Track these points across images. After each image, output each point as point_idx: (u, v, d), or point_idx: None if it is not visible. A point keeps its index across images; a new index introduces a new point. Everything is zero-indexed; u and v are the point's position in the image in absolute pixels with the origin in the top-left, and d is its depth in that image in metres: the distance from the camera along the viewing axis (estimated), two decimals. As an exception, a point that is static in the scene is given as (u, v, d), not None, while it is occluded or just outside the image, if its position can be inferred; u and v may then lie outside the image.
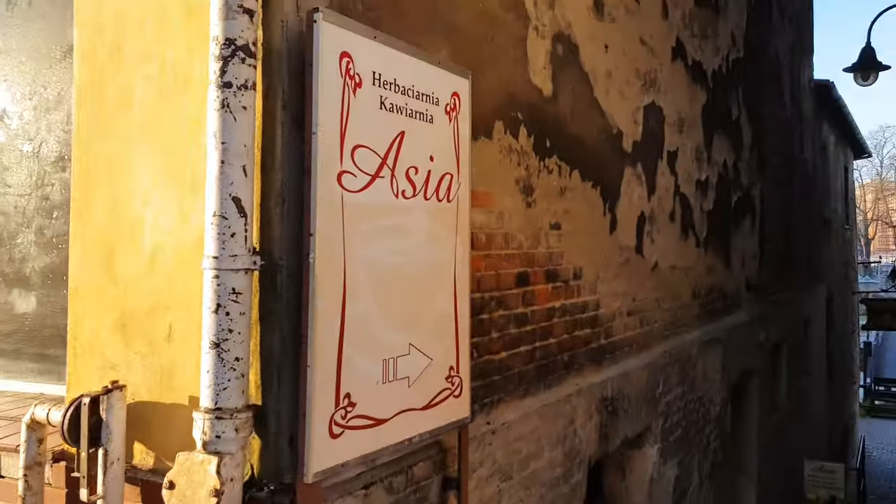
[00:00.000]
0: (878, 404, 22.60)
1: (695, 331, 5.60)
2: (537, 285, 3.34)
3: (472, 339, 2.82)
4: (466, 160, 2.62)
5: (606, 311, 4.05)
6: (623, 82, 4.23)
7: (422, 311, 2.36)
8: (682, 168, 5.27)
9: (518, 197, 3.17)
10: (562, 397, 3.47)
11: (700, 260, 5.74)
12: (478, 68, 2.84)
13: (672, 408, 4.97)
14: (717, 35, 6.19)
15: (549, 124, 3.40)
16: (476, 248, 2.88)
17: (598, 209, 3.93)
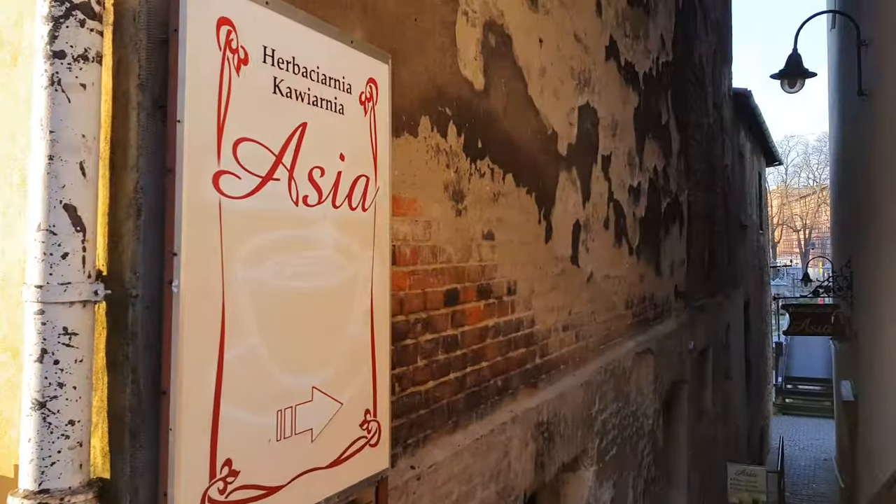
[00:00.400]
0: (788, 402, 23.49)
1: (628, 342, 5.36)
2: (468, 303, 2.96)
3: (394, 371, 2.41)
4: (386, 160, 2.20)
5: (542, 327, 3.71)
6: (557, 80, 3.91)
7: (329, 344, 1.93)
8: (616, 173, 5.02)
9: (447, 204, 2.78)
10: (496, 427, 3.09)
11: (633, 268, 5.52)
12: (400, 54, 2.43)
13: (608, 426, 4.69)
14: (647, 37, 6.00)
15: (480, 122, 3.03)
16: (399, 263, 2.46)
17: (532, 217, 3.59)
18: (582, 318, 4.32)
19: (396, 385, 2.46)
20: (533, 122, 3.57)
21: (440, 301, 2.74)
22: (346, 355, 1.99)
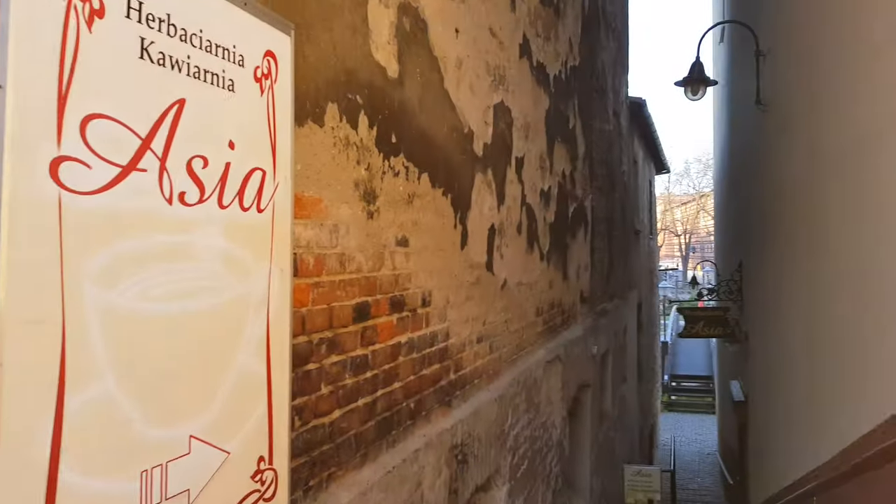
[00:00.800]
0: (673, 399, 24.64)
1: (539, 351, 5.19)
2: (380, 318, 2.61)
3: (294, 402, 2.03)
4: (287, 151, 1.83)
5: (456, 340, 3.42)
6: (474, 75, 3.64)
7: (213, 381, 1.53)
8: (529, 176, 4.83)
9: (358, 205, 2.42)
10: (408, 456, 2.77)
11: (543, 274, 5.35)
12: (304, 29, 2.06)
13: (519, 440, 4.48)
14: (557, 39, 5.88)
15: (395, 114, 2.70)
16: (301, 274, 2.09)
17: (448, 221, 3.29)
18: (496, 328, 4.08)
19: (296, 419, 2.09)
20: (450, 118, 3.28)
21: (349, 317, 2.39)
22: (234, 392, 1.60)
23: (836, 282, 3.21)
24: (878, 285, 2.61)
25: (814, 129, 3.90)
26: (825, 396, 3.54)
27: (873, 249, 2.68)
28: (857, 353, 2.86)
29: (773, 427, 5.90)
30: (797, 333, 4.38)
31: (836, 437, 3.23)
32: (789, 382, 4.83)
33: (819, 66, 3.78)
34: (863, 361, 2.79)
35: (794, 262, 4.54)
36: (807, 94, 4.11)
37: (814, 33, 3.91)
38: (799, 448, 4.40)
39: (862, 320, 2.79)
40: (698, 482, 15.65)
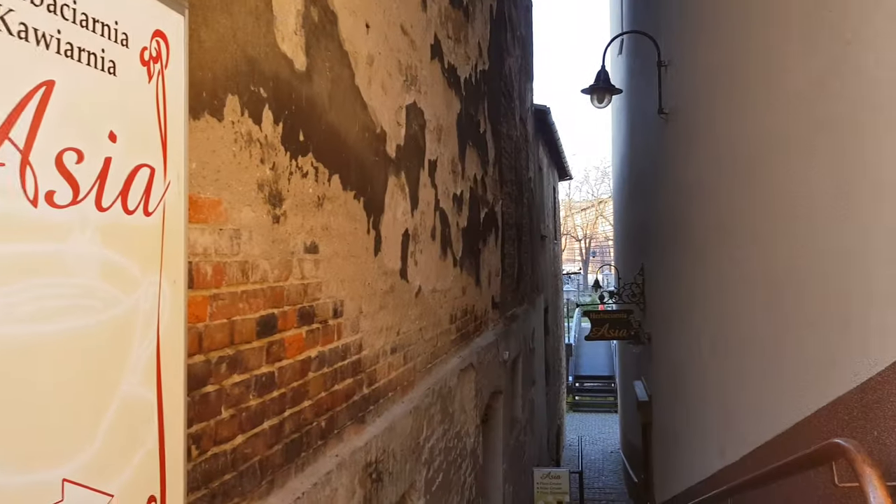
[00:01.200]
0: (577, 399, 25.28)
1: (453, 358, 5.08)
2: (288, 331, 2.41)
3: (191, 430, 1.81)
4: (181, 147, 1.61)
5: (370, 352, 3.25)
6: (385, 74, 3.49)
7: (90, 412, 1.30)
8: (441, 181, 4.72)
9: (262, 208, 2.21)
10: (319, 479, 2.56)
11: (457, 280, 5.26)
12: (200, 10, 1.85)
13: (435, 452, 4.34)
14: (467, 42, 5.82)
15: (303, 111, 2.50)
16: (198, 286, 1.87)
17: (361, 226, 3.12)
18: (410, 338, 3.92)
19: (193, 448, 1.86)
20: (361, 118, 3.11)
21: (252, 331, 2.17)
22: (118, 425, 1.37)
23: (744, 285, 3.28)
24: (787, 288, 2.66)
25: (716, 136, 4.00)
26: (733, 397, 3.62)
27: (782, 252, 2.73)
28: (767, 355, 2.92)
29: (678, 427, 6.06)
30: (703, 335, 4.49)
31: (748, 437, 3.29)
32: (695, 383, 4.95)
33: (721, 76, 3.88)
34: (773, 364, 2.84)
35: (698, 266, 4.66)
36: (709, 103, 4.22)
37: (716, 44, 4.02)
38: (706, 448, 4.50)
39: (772, 323, 2.84)
40: (603, 480, 16.07)
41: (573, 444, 19.25)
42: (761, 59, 3.04)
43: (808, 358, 2.45)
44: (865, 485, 1.68)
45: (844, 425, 2.13)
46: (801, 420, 2.51)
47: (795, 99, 2.57)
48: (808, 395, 2.45)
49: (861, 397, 2.02)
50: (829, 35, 2.20)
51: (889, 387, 1.85)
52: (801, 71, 2.49)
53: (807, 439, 2.44)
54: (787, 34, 2.68)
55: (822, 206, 2.36)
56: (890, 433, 1.86)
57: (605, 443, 19.89)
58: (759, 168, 3.10)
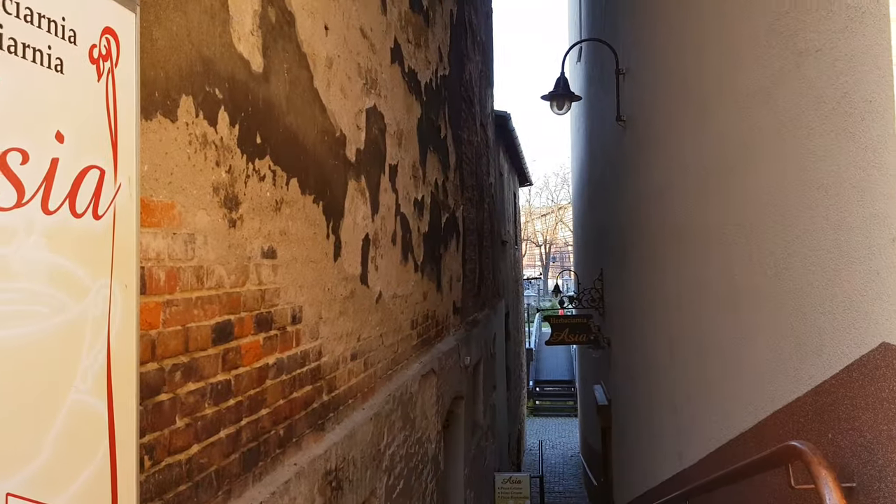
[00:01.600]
0: (538, 404, 25.43)
1: (414, 364, 5.06)
2: (245, 338, 2.36)
3: (144, 440, 1.75)
4: (132, 149, 1.56)
5: (329, 358, 3.21)
6: (345, 76, 3.46)
7: (37, 423, 1.25)
8: (402, 185, 4.70)
9: (217, 212, 2.16)
10: (278, 489, 2.52)
11: (418, 286, 5.24)
12: (153, 8, 1.80)
13: (395, 458, 4.31)
14: (427, 47, 5.82)
15: (260, 113, 2.46)
16: (150, 291, 1.81)
17: (321, 231, 3.08)
18: (371, 344, 3.89)
19: (147, 458, 1.80)
20: (320, 121, 3.07)
21: (207, 338, 2.12)
22: (67, 436, 1.32)
23: (703, 291, 3.34)
24: (744, 293, 2.71)
25: (673, 143, 4.07)
26: (692, 400, 3.68)
27: (739, 258, 2.79)
28: (725, 360, 2.97)
29: (637, 430, 6.14)
30: (661, 339, 4.56)
31: (706, 440, 3.34)
32: (653, 387, 5.02)
33: (676, 84, 3.95)
34: (731, 368, 2.90)
35: (657, 271, 4.73)
36: (666, 111, 4.29)
37: (671, 53, 4.10)
38: (664, 451, 4.56)
39: (730, 328, 2.89)
40: (564, 484, 16.19)
41: (534, 448, 19.34)
42: (714, 67, 3.11)
43: (764, 362, 2.51)
44: (821, 486, 1.72)
45: (800, 428, 2.18)
46: (758, 423, 2.56)
47: (747, 106, 2.63)
48: (765, 399, 2.50)
49: (815, 400, 2.07)
50: (781, 45, 2.26)
51: (842, 390, 1.89)
52: (754, 78, 2.55)
53: (763, 442, 2.49)
54: (740, 43, 2.74)
55: (770, 212, 2.42)
56: (844, 435, 1.90)
57: (566, 447, 20.05)
58: (713, 175, 3.17)
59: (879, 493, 1.73)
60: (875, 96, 1.69)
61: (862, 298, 1.78)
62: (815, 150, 2.02)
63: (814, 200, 2.04)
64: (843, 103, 1.83)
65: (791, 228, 2.21)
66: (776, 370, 2.38)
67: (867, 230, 1.75)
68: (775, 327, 2.37)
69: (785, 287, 2.27)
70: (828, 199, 1.94)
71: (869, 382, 1.76)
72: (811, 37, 2.05)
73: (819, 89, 1.98)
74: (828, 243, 1.95)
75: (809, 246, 2.07)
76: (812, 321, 2.07)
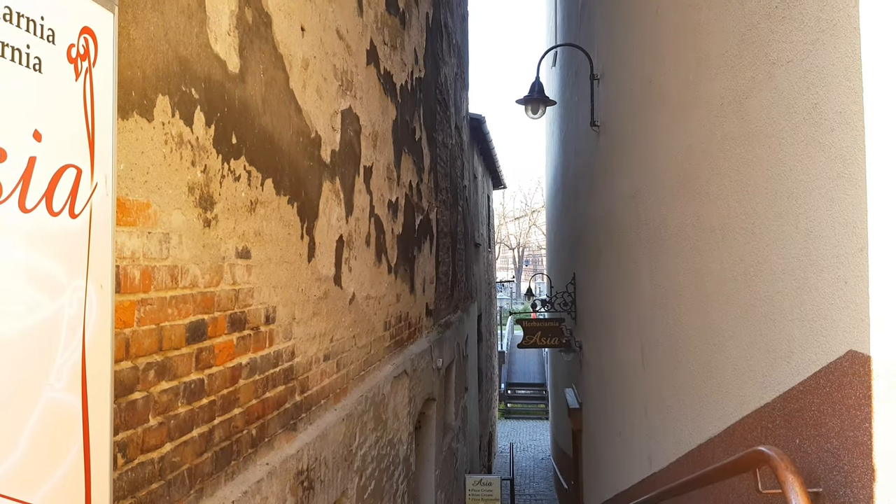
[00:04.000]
0: (510, 406, 25.54)
1: (387, 366, 5.07)
2: (218, 338, 2.36)
3: (117, 438, 1.76)
4: (109, 148, 1.57)
5: (302, 359, 3.22)
6: (321, 77, 3.47)
7: (11, 420, 1.26)
8: (377, 187, 4.72)
9: (192, 211, 2.17)
10: (250, 488, 2.52)
11: (391, 287, 5.26)
12: (130, 8, 1.81)
13: (367, 459, 4.32)
14: (403, 49, 5.85)
15: (235, 113, 2.47)
16: (125, 290, 1.82)
17: (295, 231, 3.09)
18: (344, 345, 3.90)
19: (120, 456, 1.81)
20: (296, 122, 3.09)
21: (181, 337, 2.13)
22: (41, 433, 1.33)
23: (676, 296, 3.40)
24: (716, 299, 2.77)
25: (647, 148, 4.15)
26: (662, 404, 3.75)
27: (711, 264, 2.85)
28: (697, 365, 3.04)
29: (608, 433, 6.22)
30: (633, 343, 4.64)
31: (676, 445, 3.41)
32: (625, 390, 5.10)
33: (651, 89, 4.03)
34: (702, 373, 2.96)
35: (630, 275, 4.81)
36: (640, 116, 4.37)
37: (644, 59, 4.17)
38: (634, 455, 4.64)
39: (702, 333, 2.95)
40: (534, 487, 16.29)
41: (504, 451, 19.42)
42: (688, 74, 3.18)
43: (734, 367, 2.56)
44: (788, 491, 1.75)
45: (768, 433, 2.24)
46: (727, 428, 2.62)
47: (718, 114, 2.70)
48: (734, 404, 2.56)
49: (784, 406, 2.12)
50: (753, 55, 2.33)
51: (810, 396, 1.95)
52: (725, 86, 2.63)
53: (733, 447, 2.54)
54: (713, 51, 2.81)
55: (741, 219, 2.49)
56: (811, 441, 1.95)
57: (536, 449, 20.16)
58: (686, 180, 3.23)
59: (845, 498, 1.76)
60: (845, 108, 1.74)
61: (830, 306, 1.83)
62: (784, 160, 2.09)
63: (784, 209, 2.10)
64: (814, 114, 1.89)
65: (761, 236, 2.28)
66: (746, 375, 2.44)
67: (836, 239, 1.79)
68: (746, 333, 2.43)
69: (755, 294, 2.33)
70: (797, 207, 2.00)
71: (836, 389, 1.81)
72: (783, 48, 2.10)
73: (790, 99, 2.05)
74: (797, 251, 2.01)
75: (779, 253, 2.13)
76: (782, 328, 2.13)
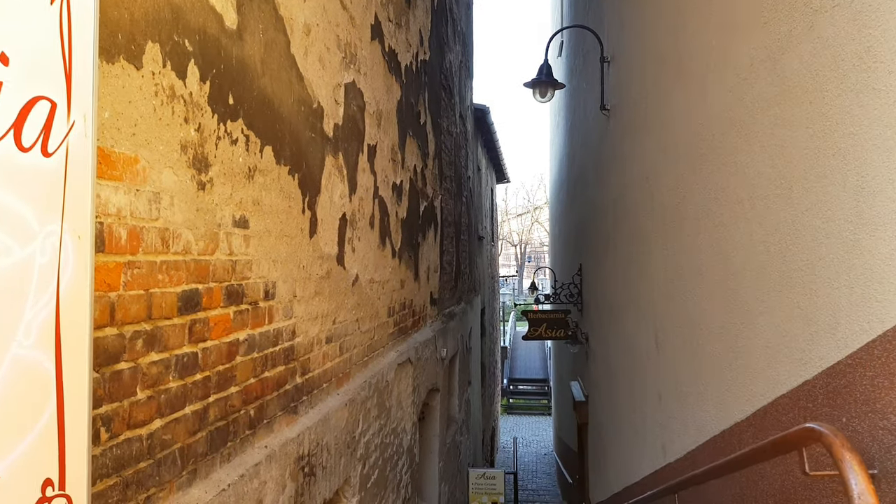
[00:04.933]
0: (512, 402, 25.40)
1: (391, 352, 4.93)
2: (213, 310, 2.21)
3: (100, 410, 1.61)
4: (89, 86, 1.41)
5: (303, 339, 3.07)
6: (323, 46, 3.32)
7: (-30, 378, 1.11)
8: (381, 167, 4.57)
9: (185, 172, 2.02)
10: (247, 471, 2.38)
11: (395, 272, 5.11)
12: (116, -60, 1.66)
13: (370, 447, 4.18)
14: (408, 28, 5.69)
15: (233, 72, 2.32)
16: (110, 250, 1.67)
17: (296, 204, 2.94)
18: (347, 328, 3.75)
19: (104, 430, 1.66)
20: (297, 90, 2.93)
21: (173, 306, 1.98)
22: (6, 393, 1.18)
23: (697, 275, 3.24)
24: (746, 274, 2.61)
25: (664, 126, 3.99)
26: (678, 391, 3.59)
27: (739, 238, 2.68)
28: (722, 346, 2.87)
29: (616, 425, 6.07)
30: (645, 330, 4.48)
31: (694, 433, 3.25)
32: (635, 380, 4.94)
33: (669, 64, 3.86)
34: (728, 354, 2.80)
35: (642, 261, 4.65)
36: (656, 93, 4.21)
37: (664, 32, 4.00)
38: (646, 445, 4.49)
39: (729, 312, 2.78)
40: (537, 482, 16.15)
41: (506, 446, 19.29)
42: (712, 39, 3.02)
43: (765, 345, 2.39)
44: (845, 471, 1.54)
45: (807, 413, 2.06)
46: (756, 411, 2.44)
47: (748, 76, 2.54)
48: (766, 385, 2.38)
49: (827, 383, 1.95)
50: (790, 6, 2.17)
51: (861, 370, 1.78)
52: (757, 45, 2.46)
53: (763, 430, 2.37)
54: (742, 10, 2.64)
55: (775, 186, 2.33)
56: (862, 419, 1.77)
57: (539, 445, 20.03)
58: (709, 153, 3.05)
59: (906, 479, 1.61)
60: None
61: (886, 268, 1.67)
62: (829, 114, 1.93)
63: (828, 167, 1.94)
64: (866, 58, 1.74)
65: (800, 200, 2.11)
66: (781, 353, 2.27)
67: (894, 193, 1.64)
68: (781, 307, 2.26)
69: (793, 263, 2.17)
70: (845, 164, 1.84)
71: (893, 360, 1.65)
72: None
73: (836, 47, 1.89)
74: (845, 212, 1.85)
75: (823, 216, 1.97)
76: (825, 297, 1.96)
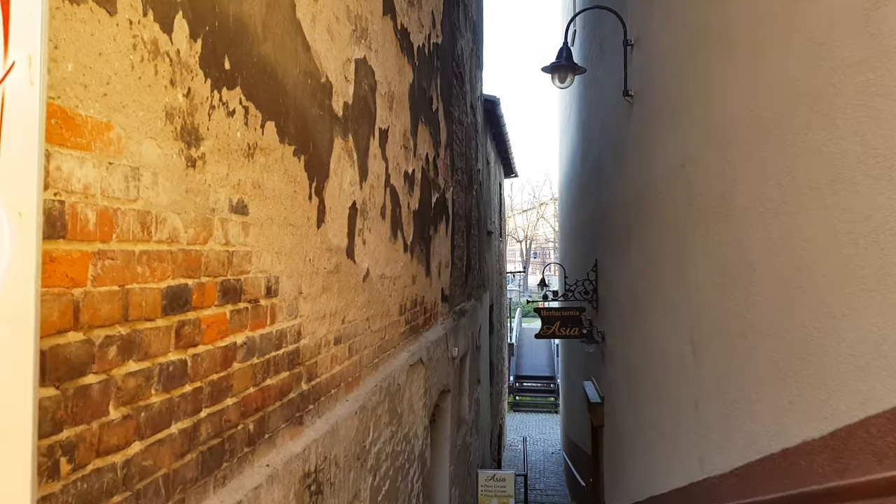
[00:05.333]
0: (518, 399, 25.08)
1: (402, 353, 4.60)
2: (206, 309, 1.89)
3: (60, 436, 1.29)
4: (36, 23, 1.09)
5: (310, 341, 2.74)
6: (332, 16, 2.99)
7: None
8: (392, 154, 4.24)
9: (172, 145, 1.69)
10: (245, 496, 2.05)
11: (407, 267, 4.78)
12: None
13: (381, 457, 3.86)
14: (421, 8, 5.35)
15: (229, 32, 1.98)
16: (74, 235, 1.35)
17: (302, 189, 2.60)
18: (357, 327, 3.43)
19: (64, 461, 1.33)
20: (303, 60, 2.60)
21: (156, 306, 1.65)
22: None
23: (746, 272, 2.90)
24: (819, 266, 2.27)
25: (702, 110, 3.65)
26: (725, 399, 3.24)
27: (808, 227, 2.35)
28: (780, 351, 2.54)
29: (638, 431, 5.73)
30: (678, 331, 4.14)
31: (746, 447, 2.90)
32: (664, 383, 4.61)
33: (712, 38, 3.51)
34: (792, 360, 2.46)
35: (676, 256, 4.31)
36: (691, 76, 3.87)
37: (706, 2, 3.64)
38: (677, 455, 4.15)
39: (795, 311, 2.44)
40: (545, 482, 15.84)
41: (513, 444, 18.99)
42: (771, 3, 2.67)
43: (850, 353, 2.03)
44: None
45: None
46: (836, 430, 2.07)
47: (826, 40, 2.20)
48: (851, 400, 2.02)
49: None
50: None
51: None
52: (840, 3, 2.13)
53: (846, 454, 2.04)
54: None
55: (866, 165, 2.00)
56: None
57: (546, 443, 19.71)
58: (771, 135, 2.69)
59: None
60: None
61: None
62: None
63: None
64: None
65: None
66: (874, 363, 1.91)
67: None
68: (875, 308, 1.91)
69: (893, 258, 1.83)
70: None
71: None
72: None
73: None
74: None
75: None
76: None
